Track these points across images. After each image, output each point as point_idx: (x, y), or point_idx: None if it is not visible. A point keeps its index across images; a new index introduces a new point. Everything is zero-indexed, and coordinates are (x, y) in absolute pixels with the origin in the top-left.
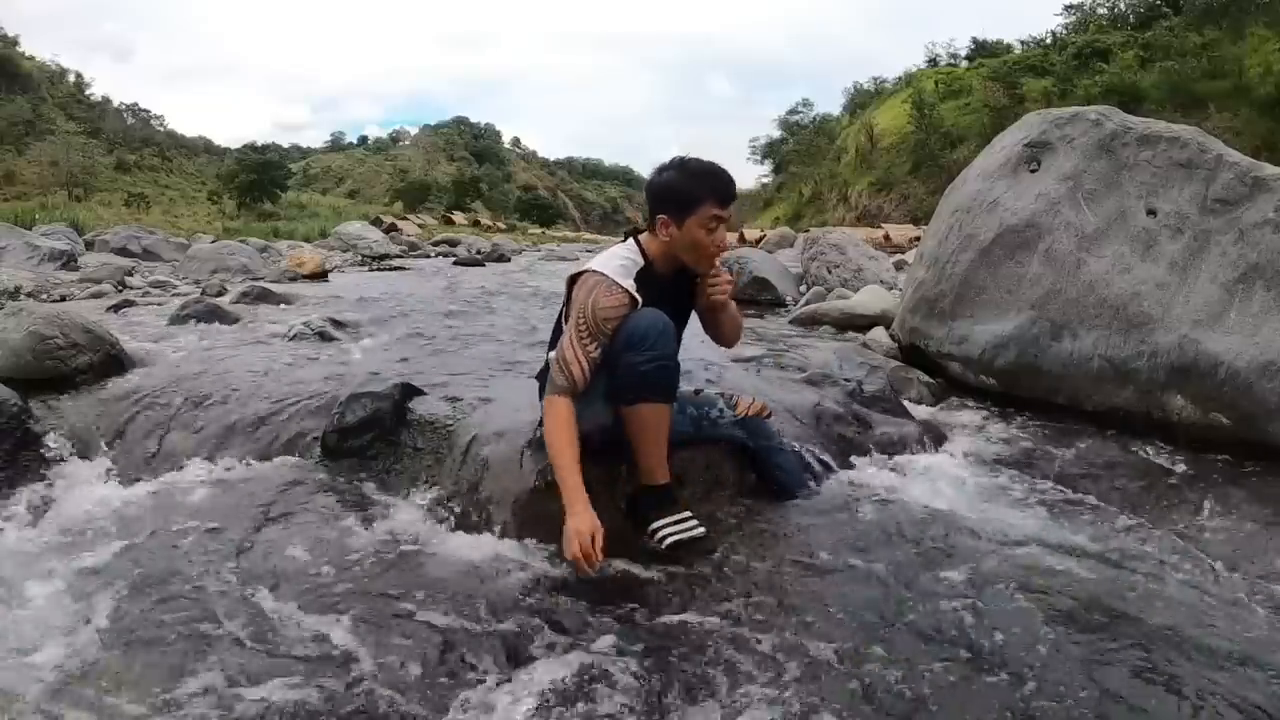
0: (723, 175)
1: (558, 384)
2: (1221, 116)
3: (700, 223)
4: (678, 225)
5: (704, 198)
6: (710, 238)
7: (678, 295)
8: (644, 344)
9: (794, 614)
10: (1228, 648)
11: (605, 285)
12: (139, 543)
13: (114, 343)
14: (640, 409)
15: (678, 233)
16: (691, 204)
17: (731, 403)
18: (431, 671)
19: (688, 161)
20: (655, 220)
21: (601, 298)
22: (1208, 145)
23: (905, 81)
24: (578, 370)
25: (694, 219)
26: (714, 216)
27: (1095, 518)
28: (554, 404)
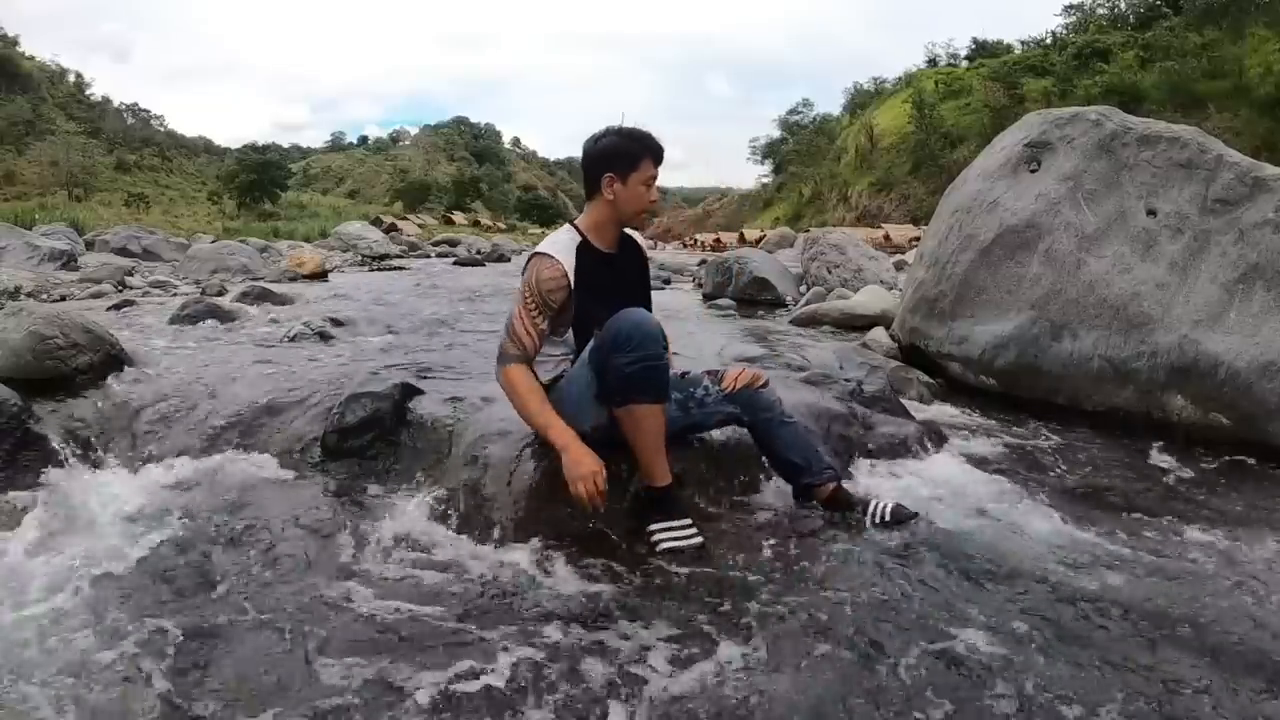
0: (654, 136)
1: (510, 354)
2: (1221, 116)
3: (641, 179)
4: (622, 182)
5: (643, 155)
6: (648, 192)
7: (624, 269)
8: (627, 345)
9: (794, 614)
10: (1228, 647)
11: (546, 261)
12: (139, 543)
13: (114, 343)
14: (632, 410)
15: (622, 189)
16: (634, 161)
17: (718, 378)
18: (431, 671)
19: (625, 128)
20: (598, 183)
21: (543, 271)
22: (1208, 145)
23: (905, 81)
24: (529, 341)
25: (635, 175)
26: (652, 175)
27: (1095, 518)
28: (512, 371)
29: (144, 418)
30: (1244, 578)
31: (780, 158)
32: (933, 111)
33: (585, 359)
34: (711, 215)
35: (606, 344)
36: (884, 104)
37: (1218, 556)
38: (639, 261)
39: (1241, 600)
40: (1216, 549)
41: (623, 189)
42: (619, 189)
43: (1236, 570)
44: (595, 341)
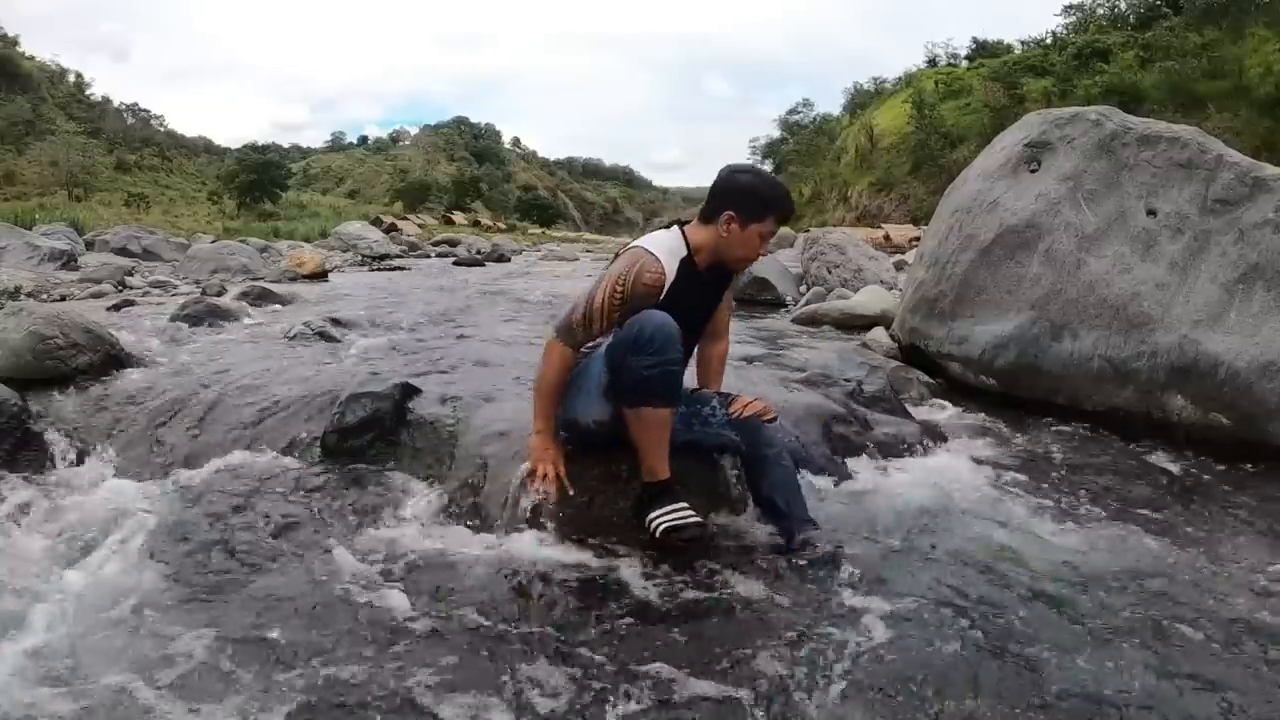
0: (789, 199)
1: (574, 333)
2: (1221, 116)
3: (761, 232)
4: (741, 225)
5: (773, 211)
6: (761, 245)
7: (712, 292)
8: (649, 347)
9: (793, 617)
10: (1228, 646)
11: (651, 261)
12: (139, 543)
13: (114, 342)
14: (643, 411)
15: (739, 231)
16: (762, 212)
17: (727, 401)
18: (432, 671)
19: (766, 175)
20: (718, 214)
21: (645, 272)
22: (1208, 145)
23: (905, 81)
24: (597, 327)
25: (757, 226)
26: (772, 231)
27: (1096, 518)
28: (559, 351)
29: (144, 417)
30: (1244, 577)
31: (780, 158)
32: (933, 111)
33: (601, 353)
34: None
35: (627, 343)
36: (884, 104)
37: (1218, 556)
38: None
39: (1242, 600)
40: (1217, 549)
41: (739, 232)
42: (735, 230)
43: (1237, 570)
44: (614, 338)
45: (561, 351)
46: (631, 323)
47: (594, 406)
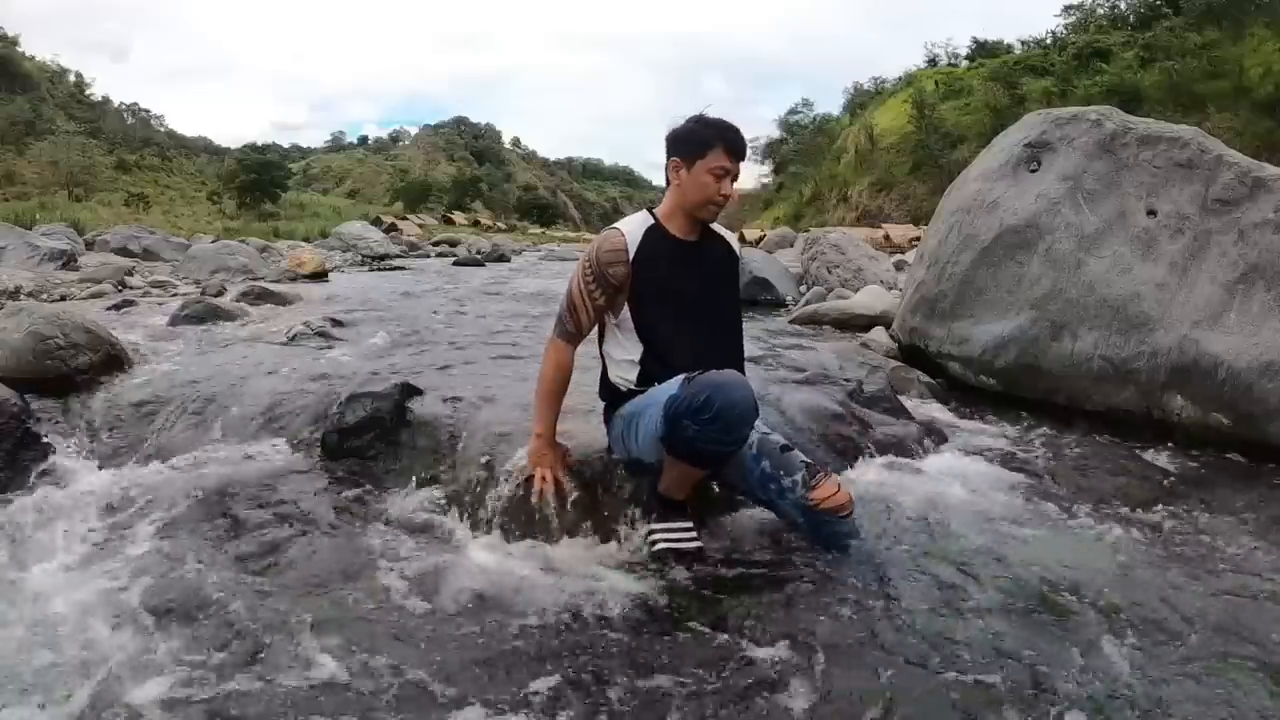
0: (734, 129)
1: (566, 327)
2: (1221, 116)
3: (709, 168)
4: (688, 168)
5: (714, 144)
6: (716, 184)
7: (703, 263)
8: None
9: (793, 615)
10: (1228, 645)
11: (610, 232)
12: (139, 543)
13: (114, 342)
14: (681, 465)
15: (687, 176)
16: (702, 148)
17: (811, 481)
18: (431, 671)
19: (704, 114)
20: (668, 166)
21: (604, 242)
22: (1208, 145)
23: (905, 82)
24: (583, 314)
25: (703, 163)
26: (723, 167)
27: (1096, 518)
28: (556, 347)
29: (143, 418)
30: (1244, 577)
31: (780, 158)
32: (933, 111)
33: (660, 399)
34: None
35: (690, 407)
36: (884, 104)
37: (1218, 556)
38: (724, 259)
39: (1243, 600)
40: (1217, 549)
41: (687, 176)
42: (684, 176)
43: (1237, 570)
44: (678, 395)
45: (558, 349)
46: (701, 385)
47: (653, 451)
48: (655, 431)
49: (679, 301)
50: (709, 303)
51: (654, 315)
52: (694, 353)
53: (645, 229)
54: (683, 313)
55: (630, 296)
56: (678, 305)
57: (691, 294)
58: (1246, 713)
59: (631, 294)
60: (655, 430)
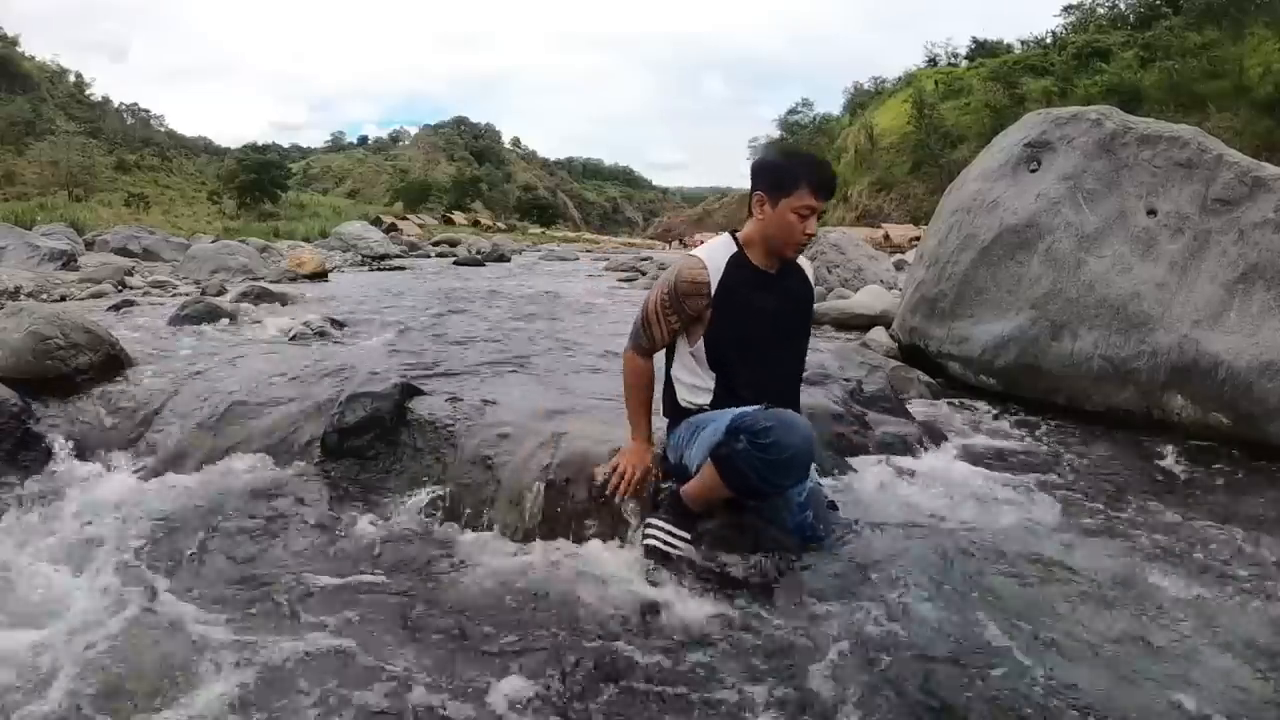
0: (824, 166)
1: (640, 342)
2: (1221, 116)
3: (793, 207)
4: (772, 204)
5: (801, 182)
6: (801, 224)
7: (783, 298)
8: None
9: (792, 615)
10: (1228, 645)
11: (694, 259)
12: (139, 543)
13: (114, 343)
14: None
15: (771, 212)
16: (789, 185)
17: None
18: (430, 670)
19: (793, 147)
20: (751, 201)
21: (685, 270)
22: (1208, 145)
23: (905, 82)
24: (657, 332)
25: (788, 201)
26: (809, 206)
27: (1095, 518)
28: (630, 357)
29: (144, 418)
30: (1244, 578)
31: None
32: (933, 111)
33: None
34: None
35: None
36: (884, 104)
37: (1218, 556)
38: (800, 291)
39: (1241, 600)
40: (1217, 548)
41: (771, 212)
42: (768, 212)
43: (1236, 570)
44: (747, 413)
45: (635, 359)
46: (766, 422)
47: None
48: (711, 438)
49: (755, 336)
50: (782, 337)
51: (729, 347)
52: (763, 387)
53: (729, 257)
54: (757, 346)
55: (708, 327)
56: (753, 339)
57: (767, 329)
58: (1246, 712)
59: (710, 325)
60: (712, 438)
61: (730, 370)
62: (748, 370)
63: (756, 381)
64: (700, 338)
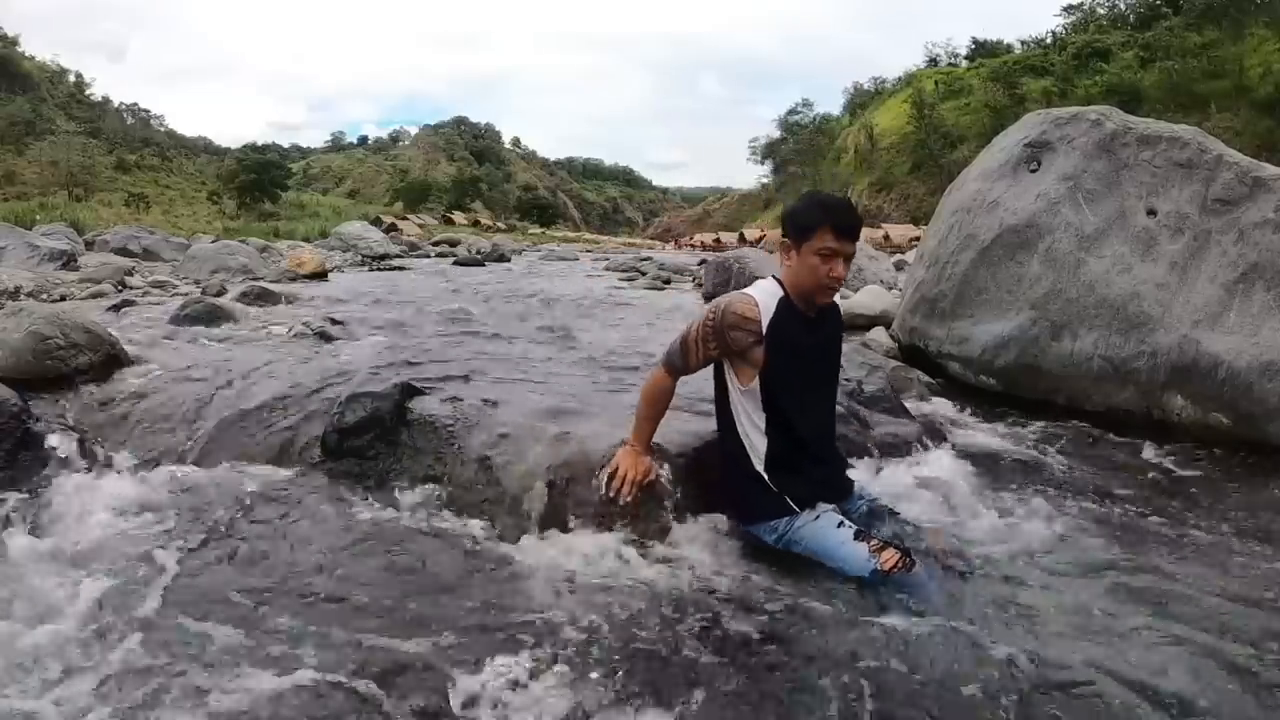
0: (841, 205)
1: (673, 361)
2: (1221, 116)
3: (815, 250)
4: (797, 250)
5: (819, 224)
6: (824, 266)
7: (825, 342)
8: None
9: (786, 615)
10: (1228, 644)
11: (743, 297)
12: (139, 543)
13: (114, 343)
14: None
15: (796, 258)
16: (808, 230)
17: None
18: (430, 670)
19: (817, 194)
20: (781, 247)
21: (736, 305)
22: (1208, 145)
23: (905, 81)
24: (693, 359)
25: (809, 245)
26: (829, 248)
27: (1095, 518)
28: (660, 374)
29: (144, 418)
30: (1243, 578)
31: (780, 158)
32: (933, 111)
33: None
34: (711, 215)
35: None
36: (884, 104)
37: (1217, 556)
38: (837, 331)
39: (1240, 600)
40: (1216, 548)
41: (797, 258)
42: (794, 258)
43: (1236, 570)
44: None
45: (662, 376)
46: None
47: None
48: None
49: (803, 376)
50: (825, 376)
51: (781, 387)
52: (811, 423)
53: (778, 300)
54: (805, 386)
55: (762, 367)
56: (802, 379)
57: (813, 369)
58: (1245, 710)
59: (764, 365)
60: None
61: (783, 409)
62: (798, 408)
63: (805, 418)
64: (754, 379)
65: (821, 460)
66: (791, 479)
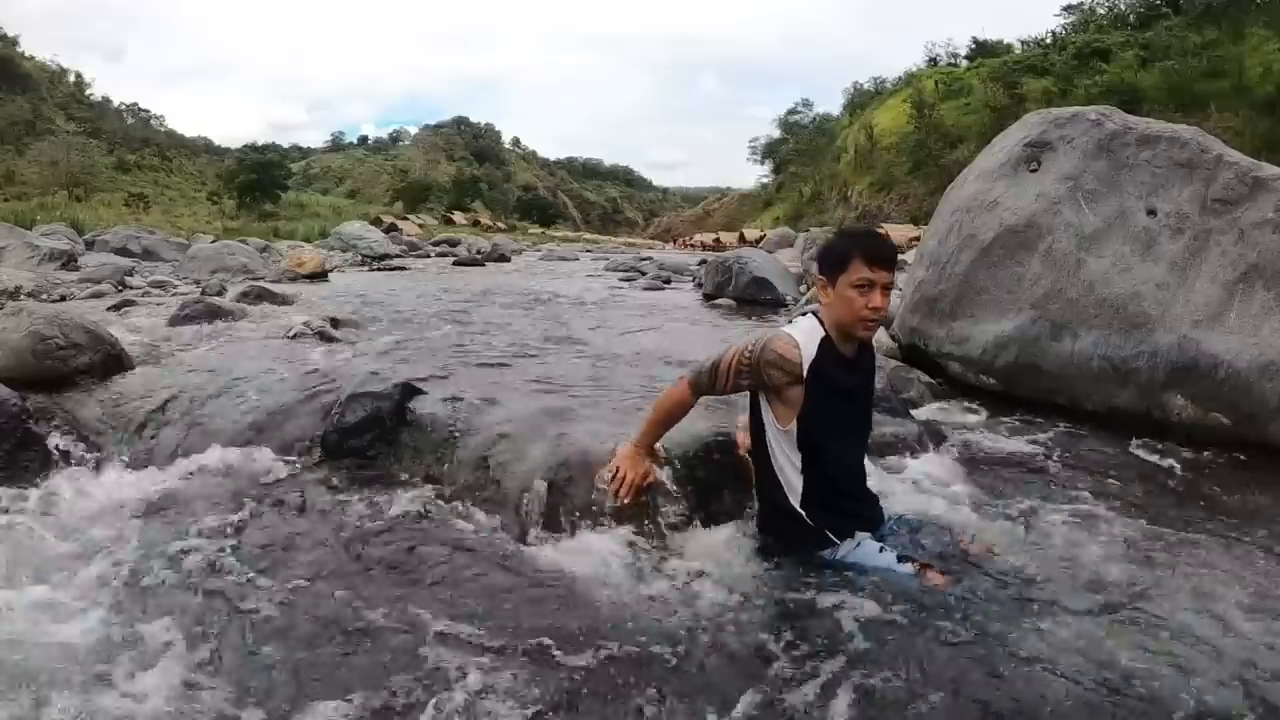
0: (873, 236)
1: (700, 378)
2: (1221, 116)
3: (850, 282)
4: (832, 285)
5: (852, 255)
6: (861, 299)
7: (862, 382)
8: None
9: (787, 614)
10: (1229, 644)
11: (784, 337)
12: (139, 543)
13: (114, 343)
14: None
15: (833, 293)
16: (842, 263)
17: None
18: (429, 669)
19: (846, 227)
20: (817, 285)
21: (776, 344)
22: (1208, 145)
23: (905, 82)
24: (721, 383)
25: (844, 277)
26: (864, 278)
27: (1095, 518)
28: (683, 387)
29: (144, 418)
30: (1243, 577)
31: (780, 158)
32: (933, 111)
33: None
34: (711, 215)
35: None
36: (884, 104)
37: (1217, 556)
38: (872, 368)
39: (1239, 600)
40: (1216, 548)
41: (833, 293)
42: (831, 294)
43: (1235, 570)
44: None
45: (684, 390)
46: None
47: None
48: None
49: (842, 417)
50: (862, 420)
51: (820, 431)
52: (847, 466)
53: (819, 340)
54: (843, 429)
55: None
56: (840, 421)
57: (851, 409)
58: (1243, 710)
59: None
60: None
61: (820, 449)
62: (834, 447)
63: (841, 459)
64: (792, 420)
65: (855, 497)
66: (828, 514)
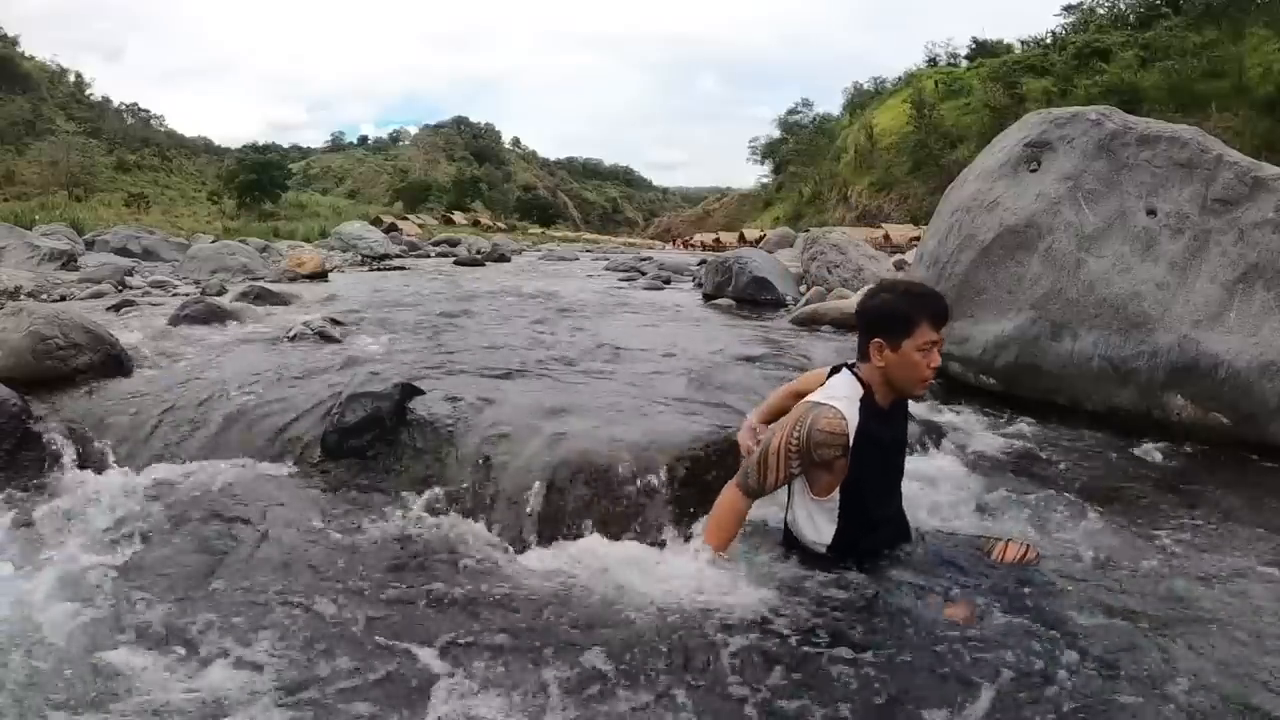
0: (939, 298)
1: (749, 482)
2: (1221, 116)
3: (917, 345)
4: (893, 349)
5: (920, 320)
6: (927, 359)
7: (897, 429)
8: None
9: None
10: (1230, 644)
11: (827, 408)
12: (139, 542)
13: (114, 343)
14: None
15: (893, 356)
16: (907, 327)
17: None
18: (430, 668)
19: (900, 284)
20: (868, 346)
21: (822, 421)
22: (1208, 145)
23: (905, 82)
24: (772, 480)
25: (910, 342)
26: (931, 341)
27: (1095, 518)
28: (735, 497)
29: (144, 418)
30: (1243, 577)
31: (780, 158)
32: (933, 111)
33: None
34: (711, 215)
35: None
36: (884, 104)
37: (1217, 556)
38: (905, 415)
39: (1239, 599)
40: (1216, 548)
41: (894, 357)
42: (889, 356)
43: (1236, 570)
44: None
45: (737, 499)
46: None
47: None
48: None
49: (883, 470)
50: (900, 464)
51: (863, 490)
52: (887, 512)
53: (859, 402)
54: (885, 480)
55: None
56: (883, 474)
57: (890, 460)
58: (1242, 709)
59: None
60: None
61: (862, 502)
62: (875, 500)
63: (880, 504)
64: (833, 488)
65: (888, 532)
66: (856, 553)
